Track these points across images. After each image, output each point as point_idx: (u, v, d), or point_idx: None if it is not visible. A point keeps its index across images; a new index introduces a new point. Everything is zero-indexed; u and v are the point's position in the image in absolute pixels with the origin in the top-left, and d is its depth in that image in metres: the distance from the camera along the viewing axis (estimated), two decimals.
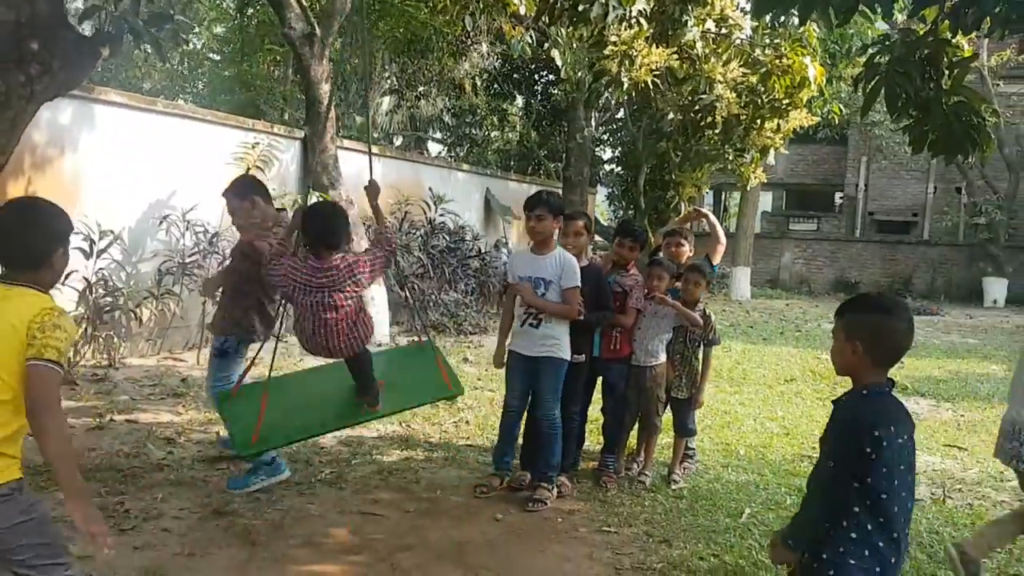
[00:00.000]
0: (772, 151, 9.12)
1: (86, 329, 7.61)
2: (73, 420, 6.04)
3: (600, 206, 28.88)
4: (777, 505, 5.12)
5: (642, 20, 6.82)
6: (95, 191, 7.97)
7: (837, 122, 12.93)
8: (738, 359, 10.73)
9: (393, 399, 4.67)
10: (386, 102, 22.47)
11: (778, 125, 8.62)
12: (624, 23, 6.81)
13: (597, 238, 15.52)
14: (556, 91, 22.19)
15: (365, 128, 18.99)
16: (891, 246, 24.72)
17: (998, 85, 21.49)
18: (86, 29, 5.11)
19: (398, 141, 23.94)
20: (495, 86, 22.80)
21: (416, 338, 5.23)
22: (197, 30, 17.03)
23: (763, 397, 8.46)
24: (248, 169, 8.92)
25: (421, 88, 21.46)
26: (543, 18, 5.72)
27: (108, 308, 7.77)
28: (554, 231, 5.06)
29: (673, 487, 5.29)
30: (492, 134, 23.68)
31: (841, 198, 28.11)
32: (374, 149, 12.81)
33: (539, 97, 22.44)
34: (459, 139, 23.90)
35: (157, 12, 4.98)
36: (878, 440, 2.38)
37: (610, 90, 8.04)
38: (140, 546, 3.98)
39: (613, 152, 25.85)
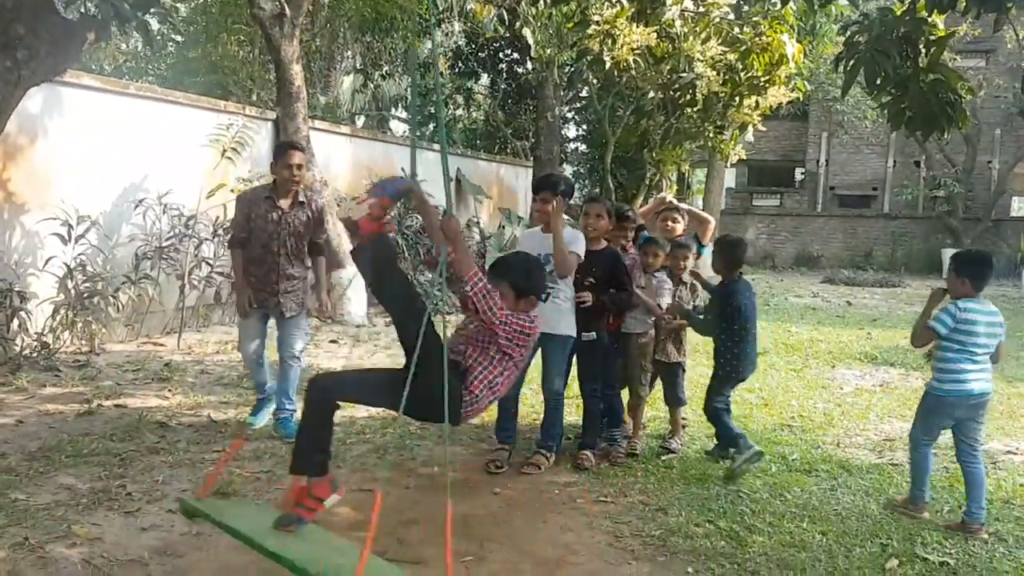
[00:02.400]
0: (750, 127, 9.28)
1: (66, 315, 7.55)
2: (61, 406, 6.05)
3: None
4: (763, 472, 5.27)
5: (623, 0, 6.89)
6: (70, 176, 7.88)
7: (800, 98, 13.12)
8: None
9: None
10: (348, 81, 22.30)
11: (756, 102, 8.77)
12: (606, 2, 6.88)
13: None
14: (522, 70, 22.25)
15: (329, 108, 18.91)
16: (852, 220, 25.18)
17: (955, 59, 21.91)
18: (72, 14, 5.06)
19: (360, 121, 23.80)
20: (460, 65, 22.72)
21: None
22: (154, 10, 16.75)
23: None
24: (223, 151, 8.86)
25: (386, 67, 21.35)
26: None
27: (88, 294, 7.71)
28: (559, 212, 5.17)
29: (667, 457, 5.43)
30: (458, 113, 23.63)
31: (802, 174, 28.52)
32: (344, 129, 12.83)
33: (504, 76, 22.37)
34: (424, 119, 23.81)
35: None
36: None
37: (593, 69, 8.12)
38: (147, 527, 4.02)
39: (578, 130, 25.94)
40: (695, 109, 8.62)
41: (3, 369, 6.88)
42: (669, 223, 5.96)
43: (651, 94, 8.62)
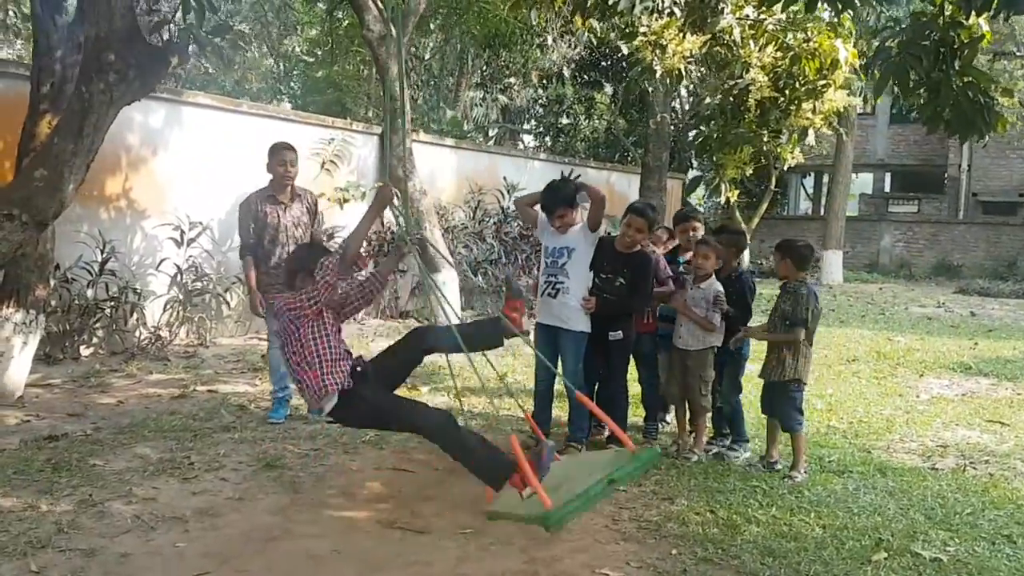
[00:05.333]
0: (811, 131, 9.12)
1: (177, 311, 8.41)
2: (160, 390, 6.81)
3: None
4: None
5: (675, 9, 7.03)
6: (185, 186, 8.76)
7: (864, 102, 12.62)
8: None
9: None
10: (475, 96, 23.04)
11: (814, 106, 8.64)
12: (655, 14, 7.05)
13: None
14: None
15: (456, 123, 19.66)
16: (995, 228, 23.77)
17: None
18: (157, 40, 5.74)
19: (492, 134, 24.50)
20: (583, 75, 23.04)
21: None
22: (296, 35, 18.00)
23: (817, 376, 8.52)
24: (323, 164, 9.57)
25: (509, 80, 21.96)
26: (576, 13, 6.04)
27: (198, 292, 8.55)
28: (576, 215, 5.44)
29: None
30: (581, 123, 23.91)
31: (944, 179, 27.14)
32: (448, 142, 13.43)
33: (626, 85, 22.49)
34: (547, 129, 24.27)
35: (218, 24, 5.59)
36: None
37: (645, 78, 8.30)
38: (198, 492, 4.58)
39: None
40: (754, 114, 8.59)
41: (119, 358, 7.78)
42: (690, 232, 6.05)
43: (707, 100, 8.68)
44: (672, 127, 15.89)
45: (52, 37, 6.18)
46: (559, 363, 5.43)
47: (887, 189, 29.92)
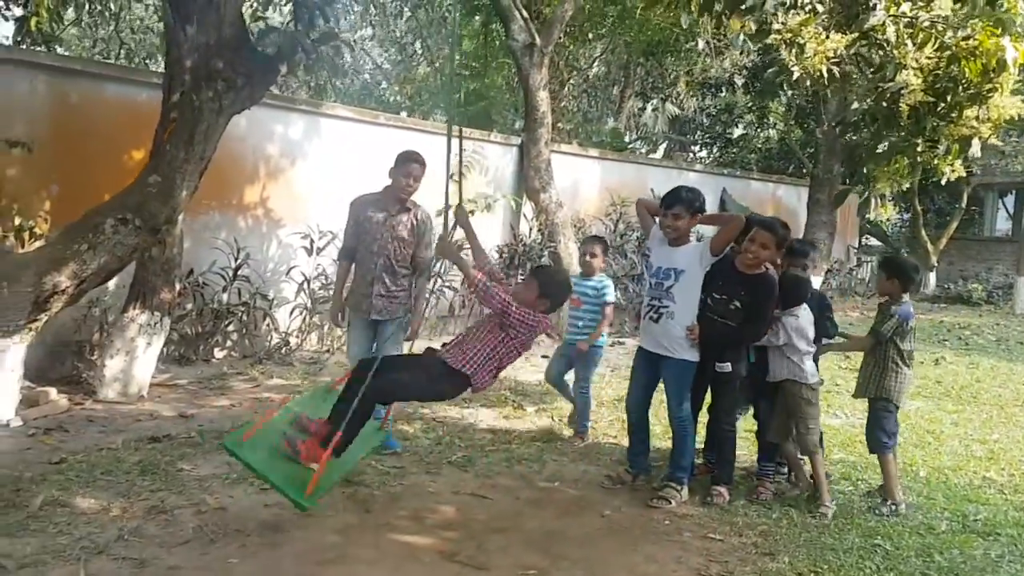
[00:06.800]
0: (975, 141, 7.94)
1: (305, 318, 8.54)
2: (274, 395, 6.89)
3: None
4: (929, 530, 4.64)
5: (817, 6, 6.31)
6: (321, 197, 8.89)
7: None
8: (979, 376, 9.66)
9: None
10: (638, 106, 22.52)
11: (979, 113, 7.54)
12: (791, 11, 6.38)
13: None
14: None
15: (616, 134, 19.27)
16: None
17: None
18: (269, 48, 5.77)
19: (661, 146, 23.96)
20: (756, 83, 22.01)
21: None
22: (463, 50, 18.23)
23: (985, 418, 7.59)
24: (451, 174, 9.46)
25: (674, 89, 21.30)
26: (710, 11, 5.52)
27: (324, 300, 8.65)
28: (689, 228, 4.95)
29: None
30: (753, 133, 22.84)
31: None
32: (593, 152, 13.07)
33: (760, 87, 21.16)
34: (714, 139, 23.41)
35: (325, 31, 5.55)
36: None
37: (783, 79, 7.57)
38: (271, 504, 4.47)
39: None
40: (906, 120, 7.58)
41: (247, 361, 7.96)
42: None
43: (855, 105, 7.79)
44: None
45: (183, 47, 6.34)
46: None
47: None
